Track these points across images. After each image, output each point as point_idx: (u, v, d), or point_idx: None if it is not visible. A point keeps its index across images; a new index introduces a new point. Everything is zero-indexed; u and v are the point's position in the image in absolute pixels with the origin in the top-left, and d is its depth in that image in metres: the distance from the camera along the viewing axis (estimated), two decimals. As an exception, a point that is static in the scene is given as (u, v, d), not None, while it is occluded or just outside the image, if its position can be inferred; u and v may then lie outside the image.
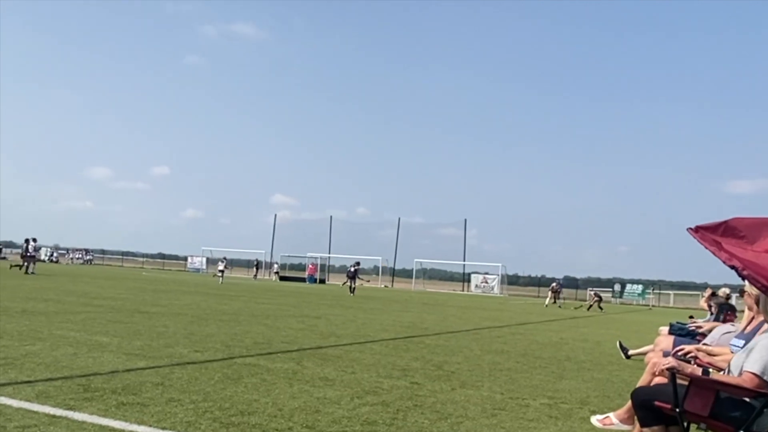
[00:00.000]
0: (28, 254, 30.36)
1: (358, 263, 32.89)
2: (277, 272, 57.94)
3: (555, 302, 34.74)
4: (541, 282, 64.52)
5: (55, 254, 71.36)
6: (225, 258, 44.74)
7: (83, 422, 4.03)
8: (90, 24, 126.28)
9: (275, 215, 69.94)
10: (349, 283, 31.18)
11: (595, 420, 5.04)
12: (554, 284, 35.73)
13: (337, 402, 5.18)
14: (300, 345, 8.80)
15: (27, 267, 29.70)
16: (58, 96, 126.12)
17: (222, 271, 40.09)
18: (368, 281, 42.53)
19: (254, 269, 58.56)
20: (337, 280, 59.81)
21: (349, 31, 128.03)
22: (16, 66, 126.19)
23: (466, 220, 60.08)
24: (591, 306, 33.49)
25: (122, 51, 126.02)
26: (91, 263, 70.54)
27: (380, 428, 4.44)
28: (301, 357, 7.60)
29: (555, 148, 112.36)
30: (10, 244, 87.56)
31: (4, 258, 65.75)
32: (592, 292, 36.03)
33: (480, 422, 4.86)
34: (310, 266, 58.08)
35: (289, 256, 62.10)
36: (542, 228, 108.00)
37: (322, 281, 56.66)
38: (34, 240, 30.83)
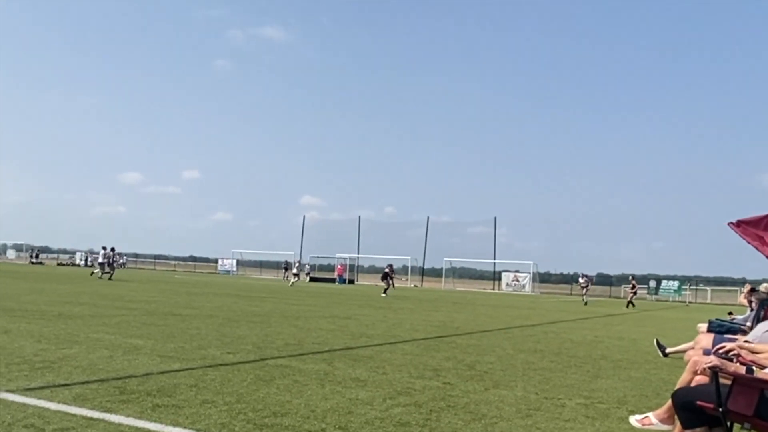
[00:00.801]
0: (109, 261, 32.15)
1: (390, 266, 33.08)
2: (308, 273, 58.25)
3: (584, 297, 34.01)
4: (573, 279, 63.86)
5: (89, 259, 72.70)
6: (299, 262, 45.67)
7: (120, 424, 4.08)
8: (118, 30, 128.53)
9: (304, 216, 70.43)
10: (384, 285, 31.26)
11: (634, 420, 4.95)
12: (581, 279, 35.00)
13: (370, 403, 5.17)
14: (331, 346, 8.82)
15: (110, 273, 31.67)
16: (89, 103, 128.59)
17: (297, 275, 41.37)
18: (403, 279, 42.33)
19: (284, 270, 58.96)
20: (366, 281, 59.96)
21: (376, 33, 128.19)
22: (46, 74, 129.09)
23: (495, 218, 59.63)
24: (630, 301, 32.45)
25: (151, 57, 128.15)
26: (124, 267, 71.73)
27: (413, 429, 4.41)
28: (333, 358, 7.62)
29: (585, 143, 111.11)
30: (46, 249, 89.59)
31: (41, 263, 67.25)
32: (629, 287, 34.37)
33: (515, 423, 4.80)
34: (339, 267, 58.27)
35: (318, 257, 62.41)
36: (574, 225, 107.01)
37: (351, 282, 56.78)
38: (113, 249, 32.58)
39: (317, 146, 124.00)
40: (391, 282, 31.15)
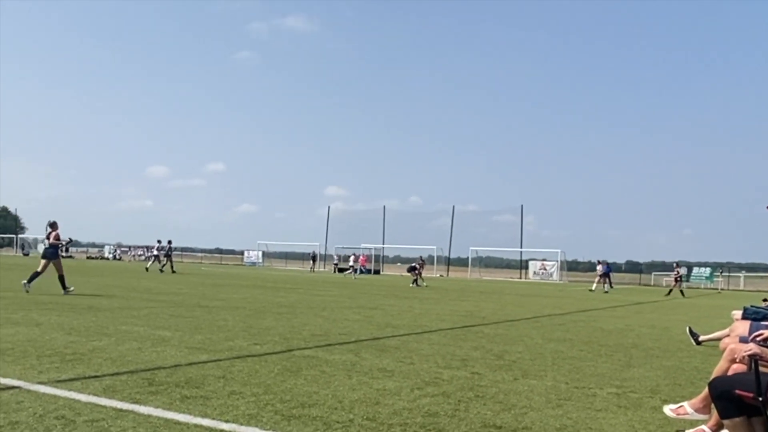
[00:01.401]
0: (166, 253, 33.30)
1: (421, 258, 33.95)
2: (335, 263, 58.49)
3: (603, 286, 32.71)
4: (602, 267, 63.19)
5: (118, 252, 73.87)
6: (355, 254, 46.39)
7: (149, 416, 4.11)
8: (140, 25, 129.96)
9: (329, 207, 70.70)
10: (413, 276, 31.51)
11: (668, 410, 4.85)
12: (599, 267, 33.64)
13: (397, 393, 5.15)
14: (357, 336, 8.82)
15: (168, 264, 32.67)
16: (115, 98, 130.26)
17: (355, 269, 42.78)
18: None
19: (311, 262, 59.28)
20: (391, 271, 60.02)
21: (399, 21, 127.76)
22: (72, 70, 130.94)
23: (522, 206, 59.16)
24: (672, 289, 31.25)
25: (175, 51, 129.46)
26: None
27: (442, 420, 4.38)
28: (359, 348, 7.62)
29: (613, 128, 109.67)
30: (75, 243, 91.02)
31: (71, 256, 68.44)
32: (674, 274, 32.44)
33: (545, 413, 4.75)
34: (362, 257, 58.37)
35: (343, 247, 62.57)
36: (602, 212, 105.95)
37: (377, 272, 56.88)
38: (170, 242, 33.45)
39: (342, 136, 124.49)
40: (419, 274, 31.31)
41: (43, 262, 14.63)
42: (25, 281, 14.22)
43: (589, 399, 5.32)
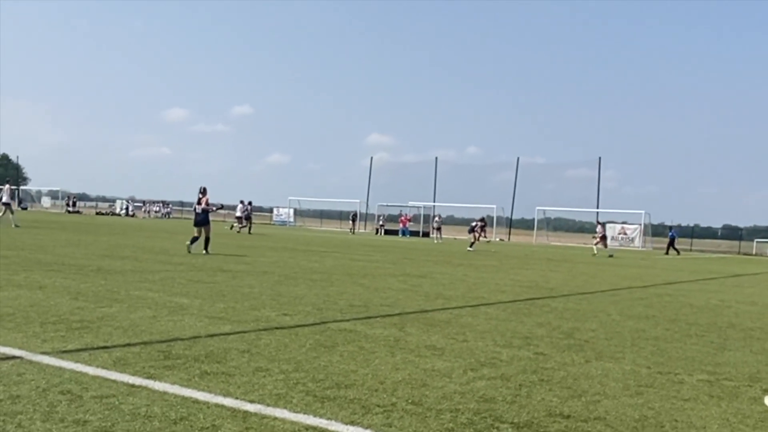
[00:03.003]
0: (246, 215, 36.74)
1: (483, 219, 34.94)
2: (382, 225, 58.76)
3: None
4: (694, 233, 61.94)
5: (131, 207, 75.65)
6: (440, 215, 47.84)
7: (164, 392, 4.23)
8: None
9: (371, 158, 70.72)
10: (471, 239, 32.13)
11: (770, 401, 4.76)
12: (598, 227, 34.84)
13: (448, 375, 5.17)
14: (402, 308, 8.87)
15: (249, 227, 36.27)
16: (132, 28, 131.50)
17: (438, 229, 45.07)
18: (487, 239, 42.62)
19: (350, 222, 59.65)
20: (443, 234, 60.02)
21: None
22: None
23: (600, 159, 58.19)
24: None
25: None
26: (169, 216, 74.24)
27: (499, 406, 4.39)
28: (404, 322, 7.66)
29: (706, 68, 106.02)
30: (84, 197, 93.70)
31: (78, 212, 70.45)
32: None
33: (622, 401, 4.70)
34: (402, 218, 58.39)
35: (387, 205, 62.71)
36: (694, 166, 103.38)
37: (426, 234, 56.96)
38: (250, 203, 37.37)
39: (387, 77, 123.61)
40: (479, 235, 31.81)
41: (196, 229, 17.73)
42: (188, 243, 17.34)
43: (675, 387, 5.25)
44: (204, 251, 17.20)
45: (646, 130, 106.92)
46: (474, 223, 33.25)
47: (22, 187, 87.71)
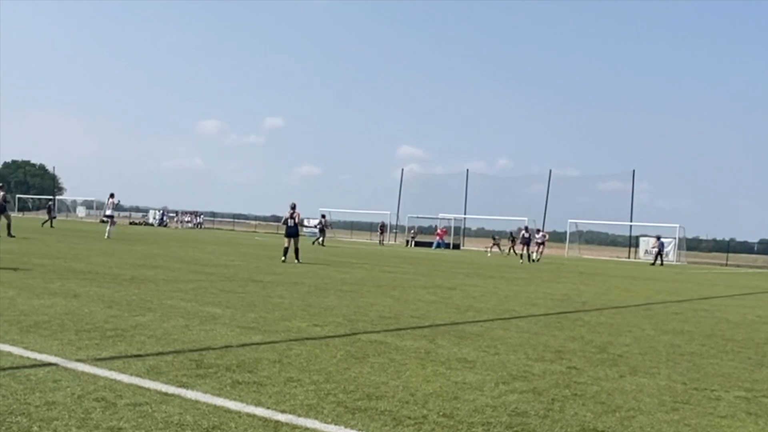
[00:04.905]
0: (321, 227, 39.96)
1: (527, 228, 35.57)
2: (413, 236, 58.72)
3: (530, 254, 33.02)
4: (729, 247, 60.96)
5: (164, 218, 76.50)
6: (529, 228, 48.28)
7: (197, 401, 4.26)
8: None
9: (402, 170, 70.73)
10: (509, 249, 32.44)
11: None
12: (523, 232, 34.23)
13: (479, 388, 5.14)
14: (433, 320, 8.85)
15: (322, 239, 38.77)
16: (167, 41, 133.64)
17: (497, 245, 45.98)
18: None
19: (379, 233, 59.62)
20: (473, 245, 59.77)
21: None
22: (116, 12, 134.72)
23: (634, 171, 57.66)
24: None
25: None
26: (201, 227, 74.95)
27: (532, 420, 4.35)
28: (435, 334, 7.64)
29: (740, 81, 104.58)
30: (118, 207, 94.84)
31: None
32: None
33: (657, 417, 4.64)
34: (440, 230, 58.24)
35: (418, 217, 62.64)
36: (730, 180, 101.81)
37: (456, 246, 56.79)
38: (323, 216, 41.32)
39: (419, 89, 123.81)
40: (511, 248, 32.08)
41: (287, 240, 20.30)
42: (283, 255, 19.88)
43: (712, 403, 5.17)
44: (296, 260, 19.58)
45: (681, 142, 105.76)
46: (524, 234, 33.47)
47: (58, 197, 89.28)
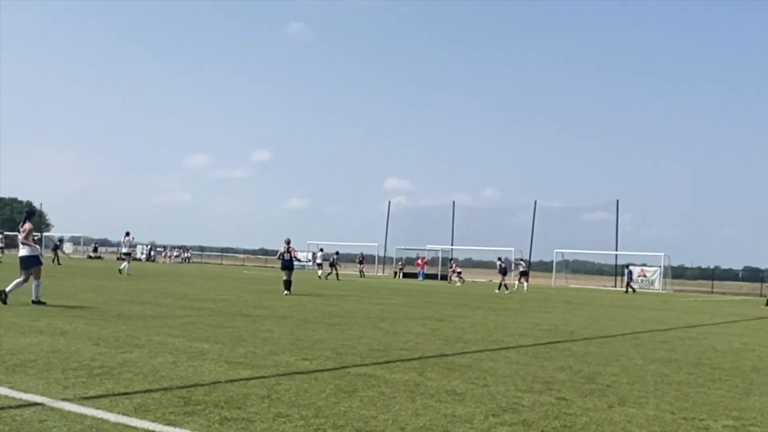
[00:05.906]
0: (330, 262, 39.61)
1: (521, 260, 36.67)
2: (401, 267, 58.51)
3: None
4: (714, 275, 61.22)
5: (152, 252, 76.05)
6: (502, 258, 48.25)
7: (184, 439, 4.20)
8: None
9: (389, 202, 70.79)
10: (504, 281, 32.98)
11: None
12: (499, 262, 35.43)
13: (469, 421, 5.11)
14: (422, 352, 8.81)
15: (336, 273, 38.95)
16: (155, 76, 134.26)
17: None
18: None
19: (359, 264, 59.03)
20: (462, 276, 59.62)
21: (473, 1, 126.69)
22: (108, 41, 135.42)
23: (618, 202, 57.89)
24: None
25: (219, 22, 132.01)
26: (189, 261, 74.55)
27: (522, 453, 4.32)
28: (424, 366, 7.60)
29: (725, 111, 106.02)
30: (105, 242, 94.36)
31: (100, 257, 70.92)
32: None
33: (646, 448, 4.62)
34: (419, 261, 58.12)
35: (405, 248, 62.59)
36: (714, 209, 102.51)
37: (444, 277, 56.68)
38: (337, 253, 40.62)
39: (404, 122, 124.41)
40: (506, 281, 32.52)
41: (284, 272, 21.30)
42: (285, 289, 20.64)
43: (701, 433, 5.16)
44: (285, 292, 20.40)
45: (663, 172, 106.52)
46: (501, 264, 33.95)
47: (45, 234, 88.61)
